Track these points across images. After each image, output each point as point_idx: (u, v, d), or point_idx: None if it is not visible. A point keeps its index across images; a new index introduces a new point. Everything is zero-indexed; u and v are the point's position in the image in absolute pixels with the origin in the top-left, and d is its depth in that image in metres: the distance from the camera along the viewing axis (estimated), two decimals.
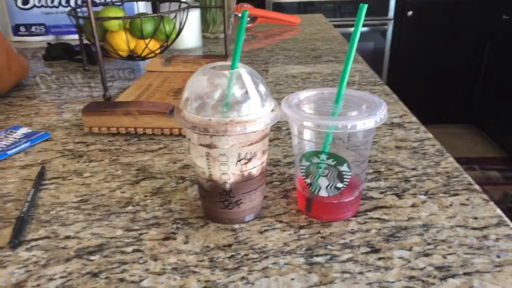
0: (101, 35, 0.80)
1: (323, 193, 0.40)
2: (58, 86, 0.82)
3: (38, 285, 0.34)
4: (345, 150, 0.39)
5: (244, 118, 0.36)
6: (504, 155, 2.38)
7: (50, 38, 1.18)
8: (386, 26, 2.54)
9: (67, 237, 0.39)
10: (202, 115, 0.36)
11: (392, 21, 2.54)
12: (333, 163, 0.38)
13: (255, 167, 0.39)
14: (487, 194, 0.45)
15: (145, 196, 0.46)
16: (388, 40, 2.58)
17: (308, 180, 0.40)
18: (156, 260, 0.36)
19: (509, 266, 0.34)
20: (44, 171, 0.50)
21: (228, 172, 0.38)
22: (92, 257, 0.37)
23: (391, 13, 2.51)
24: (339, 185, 0.39)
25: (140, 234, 0.39)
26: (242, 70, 0.37)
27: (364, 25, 2.51)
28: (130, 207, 0.44)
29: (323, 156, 0.38)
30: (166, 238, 0.39)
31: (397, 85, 0.80)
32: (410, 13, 2.50)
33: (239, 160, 0.38)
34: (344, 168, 0.38)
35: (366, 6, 0.37)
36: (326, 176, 0.39)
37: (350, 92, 0.41)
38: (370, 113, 0.37)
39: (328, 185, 0.39)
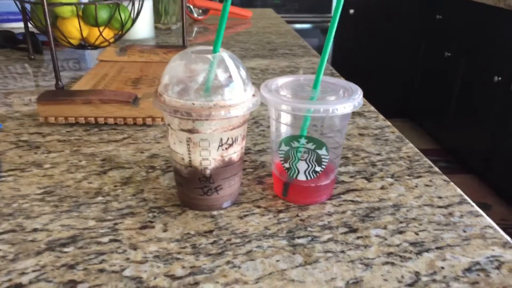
0: (51, 22, 0.75)
1: (301, 177, 0.40)
2: (2, 76, 0.77)
3: (10, 279, 0.31)
4: (320, 135, 0.40)
5: (228, 102, 0.35)
6: (436, 147, 2.55)
7: None
8: (328, 24, 2.62)
9: (35, 230, 0.37)
10: (185, 99, 0.35)
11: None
12: (313, 147, 0.39)
13: (235, 152, 0.39)
14: None
15: (115, 186, 0.44)
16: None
17: (286, 165, 0.40)
18: (135, 249, 0.35)
19: (475, 239, 0.37)
20: None
21: (209, 158, 0.38)
22: (65, 249, 0.35)
23: (333, 11, 2.59)
24: (318, 168, 0.40)
25: (115, 224, 0.38)
26: (224, 54, 0.37)
27: (307, 22, 2.57)
28: (100, 198, 0.42)
29: (303, 140, 0.39)
30: (144, 227, 0.38)
31: None
32: (351, 11, 2.60)
33: (221, 145, 0.37)
34: (323, 152, 0.39)
35: None
36: (305, 160, 0.40)
37: (326, 79, 0.42)
38: (348, 98, 0.38)
39: (307, 169, 0.40)
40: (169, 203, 0.41)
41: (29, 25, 0.83)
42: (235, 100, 0.36)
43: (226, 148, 0.38)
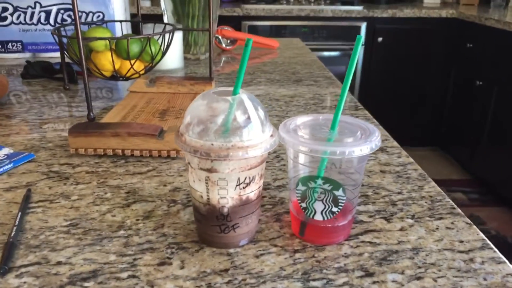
0: (86, 55, 0.79)
1: (318, 217, 0.41)
2: (38, 105, 0.81)
3: None
4: (338, 175, 0.41)
5: (246, 143, 0.36)
6: (468, 177, 2.48)
7: (27, 55, 1.16)
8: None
9: (59, 263, 0.38)
10: (204, 140, 0.36)
11: (363, 47, 2.63)
12: (329, 188, 0.39)
13: (252, 191, 0.40)
14: None
15: (137, 219, 0.45)
16: (359, 65, 2.67)
17: (303, 204, 0.41)
18: (153, 286, 0.36)
19: None
20: (30, 193, 0.49)
21: (226, 196, 0.38)
22: (86, 284, 0.36)
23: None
24: (334, 209, 0.40)
25: (135, 259, 0.39)
26: (244, 95, 0.38)
27: (335, 50, 2.59)
28: (122, 231, 0.43)
29: (319, 181, 0.39)
30: (162, 263, 0.38)
31: (368, 108, 0.83)
32: (380, 39, 2.60)
33: (238, 185, 0.38)
34: (339, 192, 0.39)
35: (362, 37, 0.39)
36: (321, 200, 0.40)
37: (344, 119, 0.42)
38: (365, 140, 0.38)
39: (324, 209, 0.40)
40: (188, 239, 0.42)
41: (66, 56, 0.88)
42: (253, 141, 0.37)
43: (243, 187, 0.39)
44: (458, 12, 2.51)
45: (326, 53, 2.61)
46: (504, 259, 0.40)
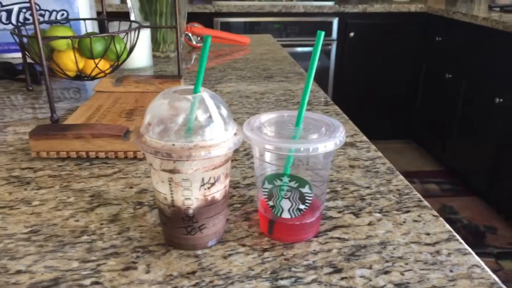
0: (48, 54, 0.77)
1: (285, 215, 0.40)
2: None
3: None
4: (305, 171, 0.40)
5: (208, 142, 0.36)
6: (440, 168, 2.53)
7: None
8: (330, 47, 2.65)
9: (18, 272, 0.37)
10: (165, 140, 0.35)
11: (335, 42, 2.65)
12: (295, 185, 0.39)
13: (218, 191, 0.39)
14: None
15: (101, 224, 0.44)
16: (332, 60, 2.69)
17: (270, 203, 0.40)
18: None
19: (462, 280, 0.36)
20: None
21: (191, 197, 0.38)
22: None
23: (334, 34, 2.62)
24: (301, 206, 0.40)
25: (98, 265, 0.38)
26: (205, 94, 0.37)
27: (309, 45, 2.60)
28: (85, 237, 0.42)
29: (285, 179, 0.39)
30: (126, 268, 0.37)
31: (342, 103, 0.83)
32: (352, 34, 2.62)
33: (203, 185, 0.37)
34: (306, 190, 0.39)
35: (323, 33, 0.38)
36: (288, 198, 0.39)
37: (309, 115, 0.42)
38: (330, 136, 0.38)
39: (291, 207, 0.40)
40: (154, 241, 0.41)
41: (27, 56, 0.85)
42: (215, 140, 0.36)
43: (208, 188, 0.38)
44: (426, 6, 2.55)
45: (299, 49, 2.62)
46: (470, 250, 0.40)
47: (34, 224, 0.43)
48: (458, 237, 0.42)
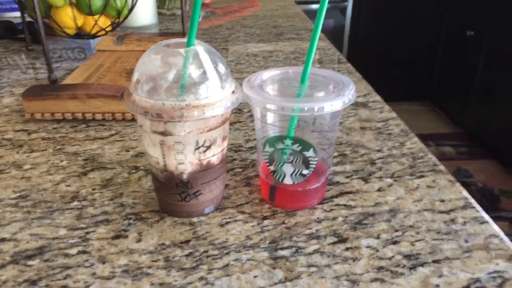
0: (45, 11, 0.73)
1: (288, 180, 0.37)
2: None
3: None
4: (311, 133, 0.37)
5: (202, 101, 0.32)
6: (457, 130, 2.46)
7: None
8: (346, 3, 2.53)
9: (2, 240, 0.35)
10: (155, 99, 0.32)
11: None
12: (299, 149, 0.35)
13: (214, 155, 0.36)
14: None
15: (93, 189, 0.41)
16: (348, 17, 2.58)
17: (272, 167, 0.37)
18: (104, 262, 0.33)
19: (477, 251, 0.33)
20: None
21: (185, 162, 0.35)
22: (30, 262, 0.33)
23: None
24: (305, 171, 0.37)
25: (87, 233, 0.36)
26: (199, 47, 0.34)
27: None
28: (75, 203, 0.39)
29: (288, 141, 0.35)
30: (117, 237, 0.35)
31: (357, 62, 0.78)
32: None
33: (197, 148, 0.34)
34: (310, 153, 0.36)
35: None
36: (291, 162, 0.36)
37: (316, 71, 0.38)
38: (338, 94, 0.34)
39: (293, 172, 0.37)
40: (148, 208, 0.39)
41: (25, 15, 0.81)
42: (210, 99, 0.33)
43: (203, 151, 0.35)
44: None
45: (314, 6, 2.51)
46: (487, 218, 0.37)
47: (23, 189, 0.41)
48: (475, 204, 0.39)
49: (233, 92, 0.35)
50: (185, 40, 0.35)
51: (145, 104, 0.33)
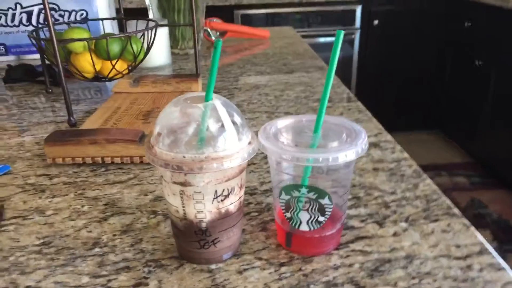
0: (65, 57, 0.76)
1: (304, 227, 0.38)
2: (19, 111, 0.78)
3: None
4: (326, 181, 0.38)
5: (221, 153, 0.34)
6: (469, 160, 2.44)
7: (11, 58, 1.13)
8: (353, 36, 2.58)
9: None
10: (175, 152, 0.34)
11: (358, 31, 2.58)
12: (314, 197, 0.36)
13: (232, 203, 0.37)
14: (454, 201, 0.44)
15: (114, 235, 0.43)
16: (355, 49, 2.62)
17: (288, 214, 0.38)
18: None
19: None
20: (2, 210, 0.47)
21: (204, 211, 0.36)
22: None
23: (357, 23, 2.55)
24: (321, 218, 0.37)
25: (109, 280, 0.37)
26: (217, 101, 0.35)
27: (331, 35, 2.54)
28: (97, 249, 0.40)
29: (304, 190, 0.36)
30: (137, 284, 0.36)
31: (365, 93, 0.80)
32: (376, 22, 2.55)
33: (216, 198, 0.36)
34: (325, 201, 0.36)
35: (342, 32, 0.35)
36: (307, 210, 0.37)
37: (328, 119, 0.39)
38: (351, 144, 0.36)
39: (309, 219, 0.37)
40: (167, 255, 0.40)
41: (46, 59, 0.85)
42: (228, 151, 0.34)
43: (222, 200, 0.36)
44: None
45: (321, 39, 2.56)
46: (504, 265, 0.37)
47: (47, 235, 0.43)
48: (490, 249, 0.39)
49: (249, 143, 0.36)
50: (202, 93, 0.36)
51: (166, 157, 0.34)
